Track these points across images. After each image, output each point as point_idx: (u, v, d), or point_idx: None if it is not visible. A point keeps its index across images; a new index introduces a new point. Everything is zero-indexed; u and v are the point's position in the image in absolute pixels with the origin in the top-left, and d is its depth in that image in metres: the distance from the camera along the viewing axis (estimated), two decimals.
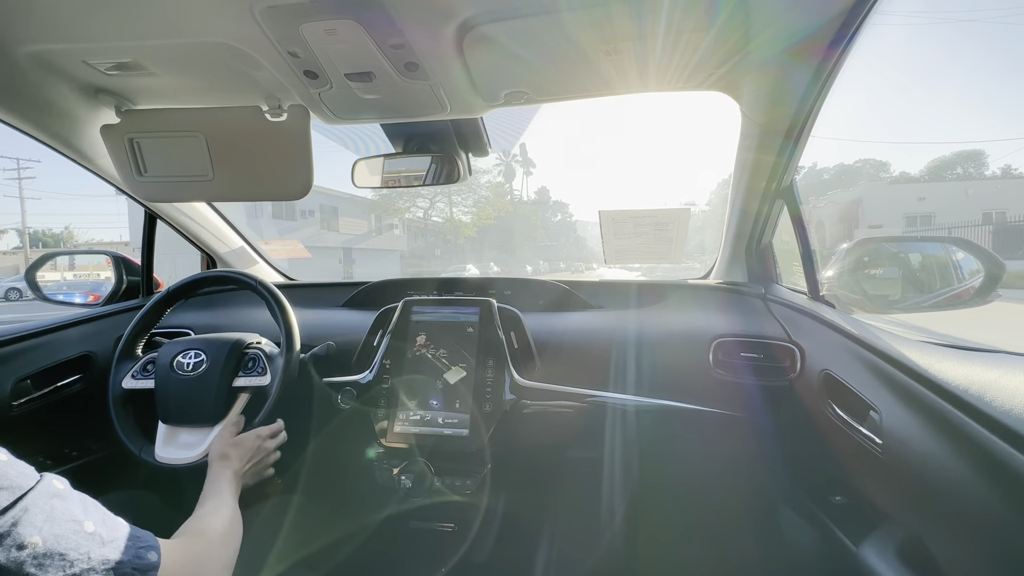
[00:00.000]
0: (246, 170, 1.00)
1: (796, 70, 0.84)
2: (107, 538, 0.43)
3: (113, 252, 1.41)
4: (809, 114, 0.91)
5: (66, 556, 0.39)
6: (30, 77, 0.86)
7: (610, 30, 0.75)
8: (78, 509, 0.43)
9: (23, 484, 0.40)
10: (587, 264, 31.35)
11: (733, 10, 0.72)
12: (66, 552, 0.39)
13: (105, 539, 0.43)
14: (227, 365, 0.97)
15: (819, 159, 43.35)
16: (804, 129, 0.94)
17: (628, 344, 1.13)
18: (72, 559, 0.40)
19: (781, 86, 0.88)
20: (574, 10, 0.71)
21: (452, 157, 1.15)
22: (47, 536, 0.39)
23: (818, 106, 0.89)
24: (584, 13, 0.71)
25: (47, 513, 0.40)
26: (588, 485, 1.23)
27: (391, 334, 1.14)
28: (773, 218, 1.15)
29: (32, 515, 0.39)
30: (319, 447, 1.19)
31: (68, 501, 0.43)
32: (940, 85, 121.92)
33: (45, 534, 0.39)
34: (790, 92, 0.88)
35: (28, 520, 0.38)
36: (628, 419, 1.08)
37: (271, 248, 3.43)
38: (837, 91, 0.86)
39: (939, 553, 0.64)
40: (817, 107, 0.89)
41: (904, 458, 0.68)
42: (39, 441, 1.12)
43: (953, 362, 0.64)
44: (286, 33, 0.74)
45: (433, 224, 28.85)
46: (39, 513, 0.40)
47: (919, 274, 1.05)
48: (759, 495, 1.21)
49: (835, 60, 0.79)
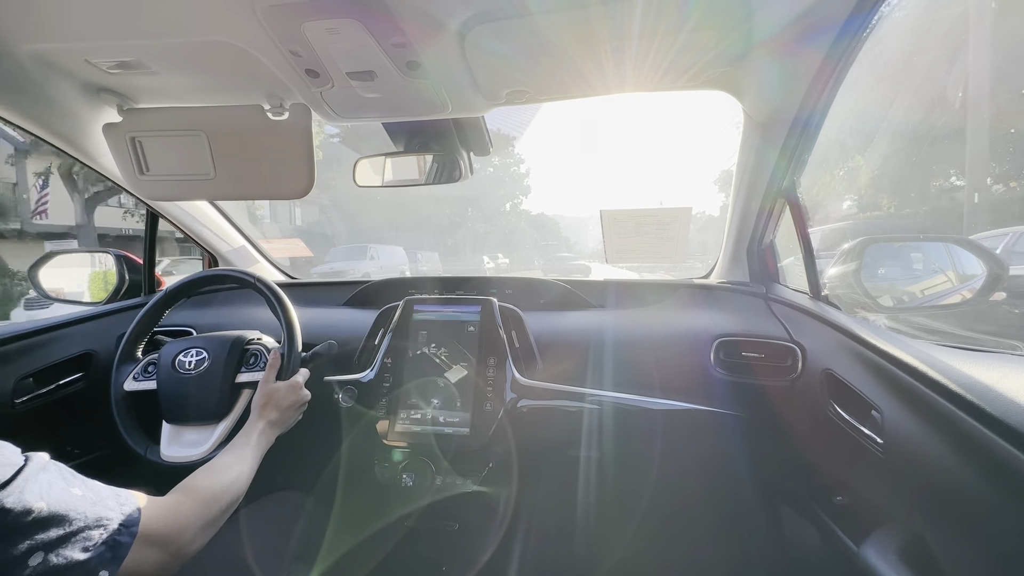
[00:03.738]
0: (248, 169, 1.00)
1: (799, 68, 0.84)
2: (95, 498, 0.48)
3: (115, 251, 1.42)
4: (812, 113, 0.91)
5: (67, 516, 0.44)
6: (32, 76, 0.87)
7: (613, 29, 0.75)
8: (63, 476, 0.47)
9: (17, 460, 0.44)
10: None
11: (736, 8, 0.72)
12: (66, 513, 0.44)
13: (93, 499, 0.47)
14: (229, 362, 0.97)
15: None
16: (806, 128, 0.94)
17: (630, 343, 1.13)
18: (72, 518, 0.44)
19: (784, 85, 0.88)
20: (576, 9, 0.71)
21: (454, 156, 1.15)
22: (49, 501, 0.43)
23: (820, 105, 0.89)
24: (586, 12, 0.71)
25: (42, 482, 0.44)
26: (590, 484, 1.24)
27: (392, 333, 1.14)
28: (775, 217, 1.14)
29: (32, 484, 0.43)
30: (320, 446, 1.19)
31: (53, 471, 0.47)
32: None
33: (48, 499, 0.43)
34: (793, 91, 0.88)
35: (30, 488, 0.42)
36: (630, 418, 1.08)
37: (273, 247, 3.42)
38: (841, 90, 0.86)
39: (940, 553, 0.64)
40: (820, 106, 0.89)
41: (905, 458, 0.68)
42: (41, 439, 1.12)
43: (955, 362, 0.63)
44: (288, 32, 0.74)
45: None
46: (36, 482, 0.43)
47: (921, 274, 1.04)
48: (760, 494, 1.21)
49: (839, 58, 0.79)
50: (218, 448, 0.92)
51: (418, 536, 1.12)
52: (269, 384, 0.92)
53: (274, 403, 0.89)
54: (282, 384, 0.92)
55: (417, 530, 1.12)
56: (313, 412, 1.00)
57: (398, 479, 1.06)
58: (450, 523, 1.13)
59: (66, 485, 0.46)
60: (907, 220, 8.08)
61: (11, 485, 0.41)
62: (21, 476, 0.42)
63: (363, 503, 1.15)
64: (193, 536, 0.59)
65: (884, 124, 7.71)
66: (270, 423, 0.86)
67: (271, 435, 0.86)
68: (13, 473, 0.42)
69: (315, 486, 1.22)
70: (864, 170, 8.66)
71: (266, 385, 0.91)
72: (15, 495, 0.41)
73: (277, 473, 1.21)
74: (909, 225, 7.80)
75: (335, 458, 1.20)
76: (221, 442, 0.93)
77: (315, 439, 1.16)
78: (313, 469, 1.22)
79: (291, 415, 0.93)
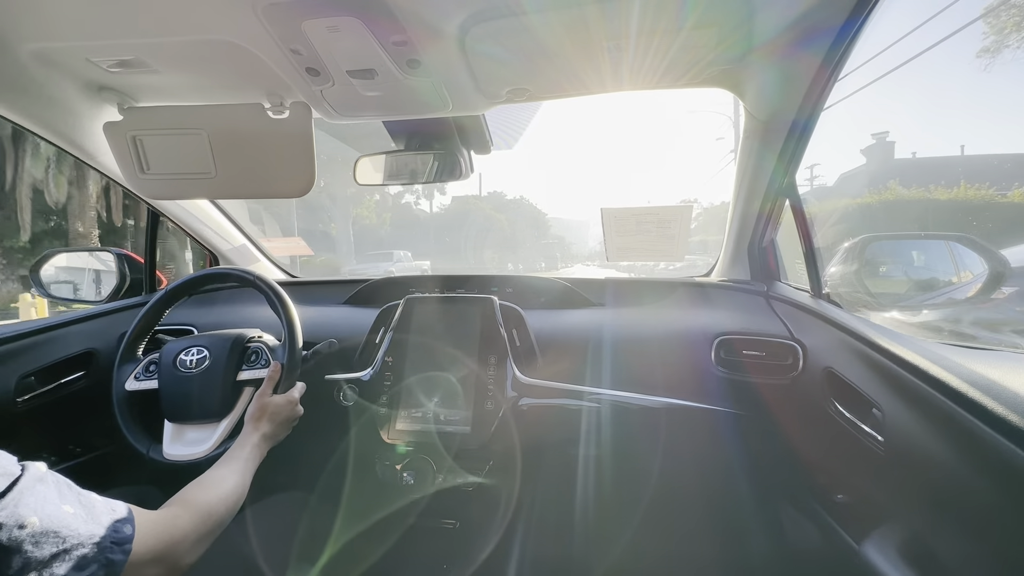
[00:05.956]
0: (248, 167, 1.00)
1: (800, 66, 0.83)
2: (87, 515, 0.46)
3: (116, 249, 1.42)
4: (813, 111, 0.90)
5: (59, 533, 0.42)
6: (33, 75, 0.87)
7: (613, 26, 0.75)
8: (59, 490, 0.46)
9: (14, 471, 0.43)
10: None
11: (736, 6, 0.72)
12: (59, 530, 0.42)
13: (86, 516, 0.46)
14: (230, 360, 0.98)
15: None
16: (807, 126, 0.93)
17: (630, 342, 1.13)
18: (64, 535, 0.43)
19: (786, 82, 0.87)
20: (577, 7, 0.71)
21: (454, 154, 1.15)
22: (42, 516, 0.42)
23: (822, 103, 0.89)
24: (587, 10, 0.71)
25: (38, 495, 0.43)
26: (590, 482, 1.24)
27: (393, 331, 1.14)
28: (776, 215, 1.14)
29: (27, 497, 0.42)
30: (321, 444, 1.19)
31: (50, 484, 0.46)
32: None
33: (41, 514, 0.42)
34: (795, 88, 0.87)
35: (24, 502, 0.41)
36: (630, 416, 1.08)
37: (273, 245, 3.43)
38: (840, 89, 0.86)
39: (941, 551, 0.64)
40: (821, 104, 0.89)
41: (906, 456, 0.68)
42: (43, 438, 1.12)
43: (956, 360, 0.63)
44: (288, 30, 0.74)
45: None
46: (32, 495, 0.42)
47: (922, 272, 1.04)
48: (761, 493, 1.21)
49: (839, 56, 0.79)
50: (221, 446, 0.92)
51: (419, 534, 1.12)
52: (265, 397, 0.91)
53: (269, 416, 0.88)
54: (279, 398, 0.92)
55: (418, 528, 1.12)
56: (314, 411, 1.00)
57: (399, 477, 1.06)
58: (450, 521, 1.13)
59: (60, 500, 0.45)
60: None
61: (6, 498, 0.40)
62: (16, 488, 0.42)
63: (364, 501, 1.15)
64: (187, 550, 0.58)
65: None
66: (264, 436, 0.86)
67: (264, 448, 0.85)
68: (8, 484, 0.41)
69: (316, 484, 1.22)
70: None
71: (262, 398, 0.90)
72: (9, 508, 0.40)
73: (279, 472, 1.22)
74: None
75: (336, 456, 1.20)
76: (223, 440, 0.93)
77: (316, 437, 1.16)
78: (314, 467, 1.22)
79: (284, 430, 0.92)
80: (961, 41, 9.81)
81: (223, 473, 0.74)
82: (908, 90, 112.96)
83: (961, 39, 7.29)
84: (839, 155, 77.59)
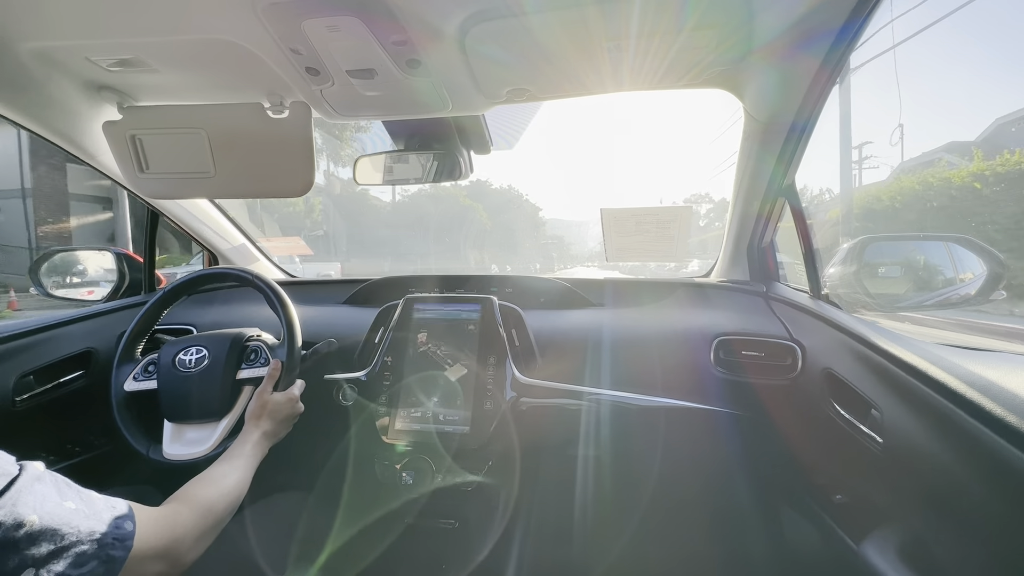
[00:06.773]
0: (248, 167, 1.00)
1: (800, 67, 0.83)
2: (88, 512, 0.46)
3: (115, 249, 1.42)
4: (812, 112, 0.90)
5: (59, 531, 0.42)
6: (33, 74, 0.87)
7: (613, 27, 0.75)
8: (58, 488, 0.46)
9: (11, 470, 0.43)
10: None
11: (737, 7, 0.72)
12: (59, 527, 0.43)
13: (87, 513, 0.46)
14: (229, 359, 0.98)
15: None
16: (807, 127, 0.94)
17: (630, 342, 1.13)
18: (63, 533, 0.43)
19: (785, 84, 0.88)
20: (577, 7, 0.71)
21: (454, 154, 1.15)
22: (42, 514, 0.42)
23: (821, 104, 0.89)
24: (587, 10, 0.71)
25: (36, 494, 0.43)
26: (589, 482, 1.24)
27: (392, 331, 1.14)
28: (775, 216, 1.14)
29: (25, 496, 0.42)
30: (320, 444, 1.19)
31: (48, 482, 0.46)
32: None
33: (40, 512, 0.42)
34: (794, 89, 0.87)
35: (23, 501, 0.41)
36: (629, 417, 1.08)
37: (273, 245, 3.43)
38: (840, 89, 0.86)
39: (940, 552, 0.64)
40: (820, 105, 0.89)
41: (905, 456, 0.68)
42: (42, 437, 1.12)
43: (954, 361, 0.64)
44: (288, 30, 0.73)
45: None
46: (30, 494, 0.42)
47: (921, 273, 1.04)
48: (760, 493, 1.21)
49: (839, 58, 0.79)
50: (221, 445, 0.92)
51: (417, 534, 1.12)
52: (265, 395, 0.91)
53: (269, 414, 0.89)
54: (279, 396, 0.92)
55: (417, 528, 1.12)
56: (314, 410, 1.00)
57: (398, 477, 1.06)
58: (449, 521, 1.13)
59: (60, 498, 0.45)
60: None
61: (4, 497, 0.40)
62: (15, 487, 0.41)
63: (363, 501, 1.15)
64: (189, 547, 0.58)
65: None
66: (264, 434, 0.86)
67: (264, 446, 0.86)
68: (6, 484, 0.41)
69: (315, 484, 1.22)
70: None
71: (262, 396, 0.91)
72: (7, 507, 0.40)
73: (278, 471, 1.22)
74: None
75: (335, 456, 1.20)
76: (223, 439, 0.93)
77: (316, 437, 1.16)
78: (313, 467, 1.22)
79: (284, 428, 0.92)
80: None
81: (224, 470, 0.74)
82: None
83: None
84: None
